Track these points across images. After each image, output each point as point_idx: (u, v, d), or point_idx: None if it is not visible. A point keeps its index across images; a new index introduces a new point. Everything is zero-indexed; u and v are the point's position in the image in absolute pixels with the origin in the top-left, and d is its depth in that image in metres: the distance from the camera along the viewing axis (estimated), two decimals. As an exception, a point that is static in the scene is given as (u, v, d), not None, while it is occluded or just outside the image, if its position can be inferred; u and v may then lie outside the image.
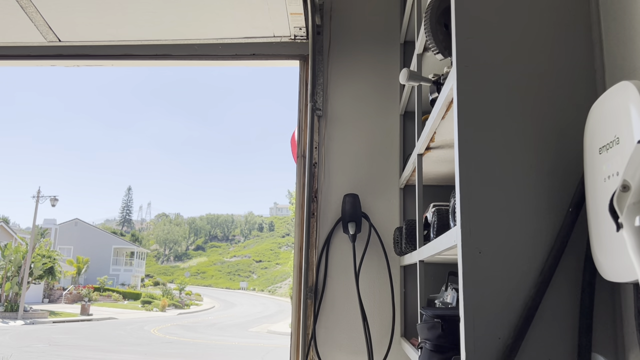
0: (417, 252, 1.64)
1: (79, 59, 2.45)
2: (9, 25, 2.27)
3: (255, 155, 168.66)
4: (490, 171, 1.04)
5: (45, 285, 30.86)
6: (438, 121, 1.40)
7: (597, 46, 1.10)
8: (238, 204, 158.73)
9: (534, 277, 0.99)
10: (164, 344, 16.97)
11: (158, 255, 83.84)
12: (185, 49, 2.38)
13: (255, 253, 77.28)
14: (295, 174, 2.26)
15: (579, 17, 1.13)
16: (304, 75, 2.34)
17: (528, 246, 1.01)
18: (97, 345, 15.70)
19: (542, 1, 1.14)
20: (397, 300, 2.09)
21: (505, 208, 1.02)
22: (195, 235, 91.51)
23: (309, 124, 2.23)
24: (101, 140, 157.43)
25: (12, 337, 16.74)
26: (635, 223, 0.67)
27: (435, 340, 1.23)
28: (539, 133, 1.06)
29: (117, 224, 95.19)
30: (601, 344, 0.97)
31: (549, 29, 1.12)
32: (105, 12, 2.16)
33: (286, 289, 53.74)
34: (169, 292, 38.77)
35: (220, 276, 70.48)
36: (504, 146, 1.05)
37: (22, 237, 29.68)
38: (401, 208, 2.17)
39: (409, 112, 2.25)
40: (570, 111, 1.07)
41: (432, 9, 1.38)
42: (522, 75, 1.09)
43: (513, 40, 1.11)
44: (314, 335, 2.08)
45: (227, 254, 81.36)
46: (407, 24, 2.20)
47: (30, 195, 36.93)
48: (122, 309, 31.68)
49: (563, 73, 1.10)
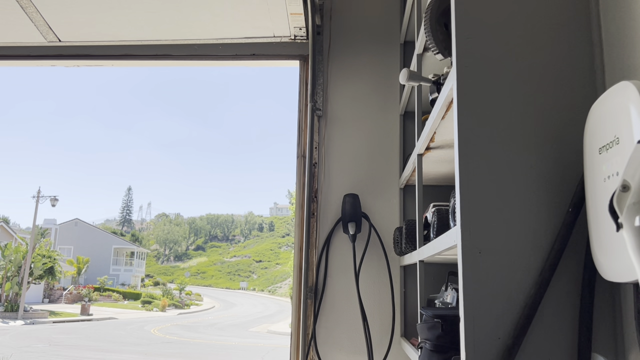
0: (417, 252, 1.64)
1: (79, 59, 2.46)
2: (9, 25, 2.27)
3: (255, 155, 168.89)
4: (490, 171, 1.04)
5: (45, 285, 30.86)
6: (438, 121, 1.40)
7: (597, 46, 1.10)
8: (238, 204, 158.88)
9: (534, 277, 0.99)
10: (164, 344, 16.98)
11: (158, 255, 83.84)
12: (185, 49, 2.38)
13: (255, 253, 77.28)
14: (295, 174, 2.26)
15: (579, 17, 1.13)
16: (304, 76, 2.34)
17: (528, 246, 1.01)
18: (97, 345, 15.70)
19: (542, 1, 1.14)
20: (397, 300, 2.09)
21: (505, 208, 1.02)
22: (195, 235, 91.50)
23: (309, 124, 2.23)
24: (101, 141, 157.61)
25: (12, 337, 16.75)
26: (635, 223, 0.67)
27: (435, 340, 1.23)
28: (539, 133, 1.06)
29: (117, 224, 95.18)
30: (601, 344, 0.97)
31: (548, 29, 1.12)
32: (105, 12, 2.16)
33: (286, 289, 53.74)
34: (169, 292, 38.77)
35: (220, 276, 70.48)
36: (504, 146, 1.05)
37: (22, 237, 29.68)
38: (401, 208, 2.17)
39: (409, 112, 2.25)
40: (570, 111, 1.07)
41: (432, 9, 1.38)
42: (522, 75, 1.09)
43: (513, 40, 1.11)
44: (314, 335, 2.08)
45: (227, 254, 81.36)
46: (407, 24, 2.20)
47: (30, 195, 36.94)
48: (122, 309, 31.68)
49: (563, 73, 1.10)
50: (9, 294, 24.13)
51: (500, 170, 1.04)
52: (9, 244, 25.03)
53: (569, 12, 1.13)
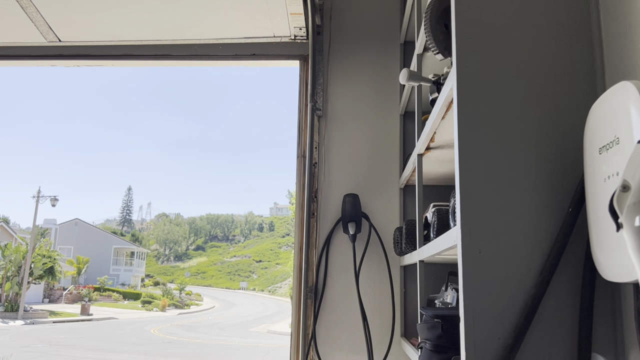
0: (417, 252, 1.64)
1: (79, 59, 2.46)
2: (9, 25, 2.27)
3: (255, 155, 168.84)
4: (490, 171, 1.04)
5: (45, 285, 30.86)
6: (438, 121, 1.40)
7: (597, 46, 1.10)
8: (238, 204, 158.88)
9: (534, 277, 0.99)
10: (164, 344, 16.97)
11: (158, 255, 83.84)
12: (185, 49, 2.38)
13: (255, 253, 77.28)
14: (296, 174, 2.26)
15: (579, 17, 1.13)
16: (304, 76, 2.34)
17: (528, 246, 1.01)
18: (97, 345, 15.69)
19: (542, 1, 1.14)
20: (397, 300, 2.09)
21: (505, 208, 1.02)
22: (196, 235, 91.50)
23: (309, 124, 2.23)
24: (101, 141, 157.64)
25: (12, 337, 16.74)
26: (635, 223, 0.67)
27: (435, 340, 1.23)
28: (539, 133, 1.06)
29: (117, 224, 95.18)
30: (601, 344, 0.97)
31: (549, 29, 1.12)
32: (105, 12, 2.16)
33: (286, 289, 53.74)
34: (169, 292, 38.77)
35: (220, 276, 70.48)
36: (504, 146, 1.05)
37: (22, 237, 29.68)
38: (401, 208, 2.17)
39: (409, 112, 2.25)
40: (570, 111, 1.07)
41: (432, 9, 1.38)
42: (522, 75, 1.09)
43: (513, 40, 1.11)
44: (314, 335, 2.08)
45: (227, 254, 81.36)
46: (407, 24, 2.20)
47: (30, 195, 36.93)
48: (122, 309, 31.68)
49: (563, 73, 1.10)
50: (9, 294, 24.13)
51: (500, 170, 1.04)
52: (9, 244, 25.03)
53: (569, 12, 1.13)
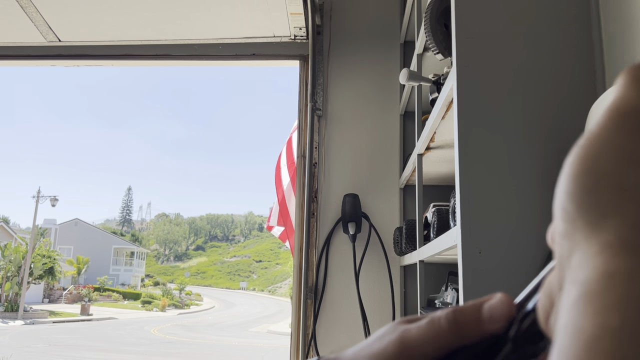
0: (417, 252, 1.64)
1: (79, 59, 2.46)
2: (9, 25, 2.27)
3: (256, 155, 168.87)
4: (490, 171, 1.04)
5: (45, 285, 30.87)
6: (438, 121, 1.40)
7: (597, 46, 1.10)
8: (238, 204, 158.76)
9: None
10: (164, 344, 16.98)
11: (158, 255, 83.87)
12: (185, 49, 2.38)
13: (255, 253, 77.31)
14: (295, 174, 2.27)
15: (579, 17, 1.13)
16: (304, 75, 2.34)
17: (528, 246, 1.01)
18: (97, 345, 15.70)
19: (542, 1, 1.14)
20: (397, 300, 2.09)
21: (505, 208, 1.02)
22: (195, 235, 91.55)
23: (309, 124, 2.23)
24: (101, 140, 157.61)
25: (12, 337, 16.75)
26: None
27: (435, 340, 1.23)
28: (539, 133, 1.06)
29: (117, 224, 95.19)
30: (601, 344, 0.97)
31: (549, 29, 1.12)
32: (105, 12, 2.16)
33: (286, 289, 53.74)
34: (169, 292, 38.80)
35: (220, 276, 70.51)
36: (504, 146, 1.05)
37: (22, 237, 29.68)
38: (401, 208, 2.17)
39: (409, 112, 2.25)
40: (570, 111, 1.07)
41: (432, 9, 1.38)
42: (522, 75, 1.09)
43: (513, 40, 1.11)
44: (314, 335, 2.08)
45: (227, 254, 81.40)
46: (407, 24, 2.20)
47: (30, 195, 36.88)
48: (122, 309, 31.69)
49: (563, 73, 1.10)
50: (8, 294, 24.14)
51: (500, 170, 1.04)
52: (9, 244, 25.03)
53: (569, 12, 1.13)
